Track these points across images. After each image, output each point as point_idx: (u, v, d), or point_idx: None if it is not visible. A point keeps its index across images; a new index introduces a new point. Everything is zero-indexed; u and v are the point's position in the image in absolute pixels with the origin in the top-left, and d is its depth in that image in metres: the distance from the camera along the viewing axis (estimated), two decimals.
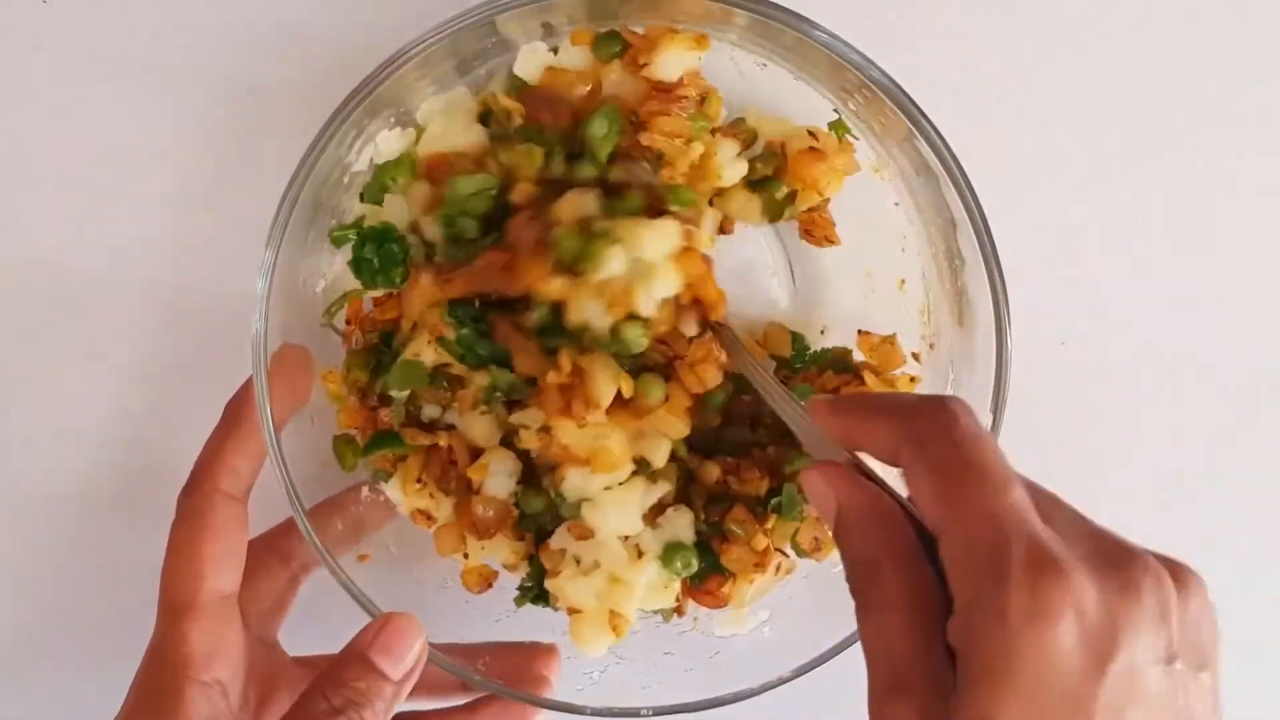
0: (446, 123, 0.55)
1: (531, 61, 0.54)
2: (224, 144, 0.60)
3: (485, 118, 0.55)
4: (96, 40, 0.59)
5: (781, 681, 0.53)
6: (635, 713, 0.52)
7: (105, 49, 0.59)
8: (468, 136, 0.54)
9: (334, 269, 0.57)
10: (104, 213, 0.60)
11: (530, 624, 0.57)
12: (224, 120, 0.59)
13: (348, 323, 0.57)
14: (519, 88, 0.54)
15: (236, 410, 0.52)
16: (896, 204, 0.57)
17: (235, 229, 0.58)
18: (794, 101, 0.56)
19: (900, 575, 0.37)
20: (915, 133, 0.50)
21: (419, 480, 0.55)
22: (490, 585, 0.57)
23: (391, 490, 0.56)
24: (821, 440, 0.43)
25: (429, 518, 0.56)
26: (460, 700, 0.56)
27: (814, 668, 0.53)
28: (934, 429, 0.37)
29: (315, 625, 0.55)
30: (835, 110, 0.55)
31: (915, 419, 0.38)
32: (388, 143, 0.54)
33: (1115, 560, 0.35)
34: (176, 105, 0.59)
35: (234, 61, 0.59)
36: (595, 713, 0.53)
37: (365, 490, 0.57)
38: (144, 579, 0.51)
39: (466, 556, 0.56)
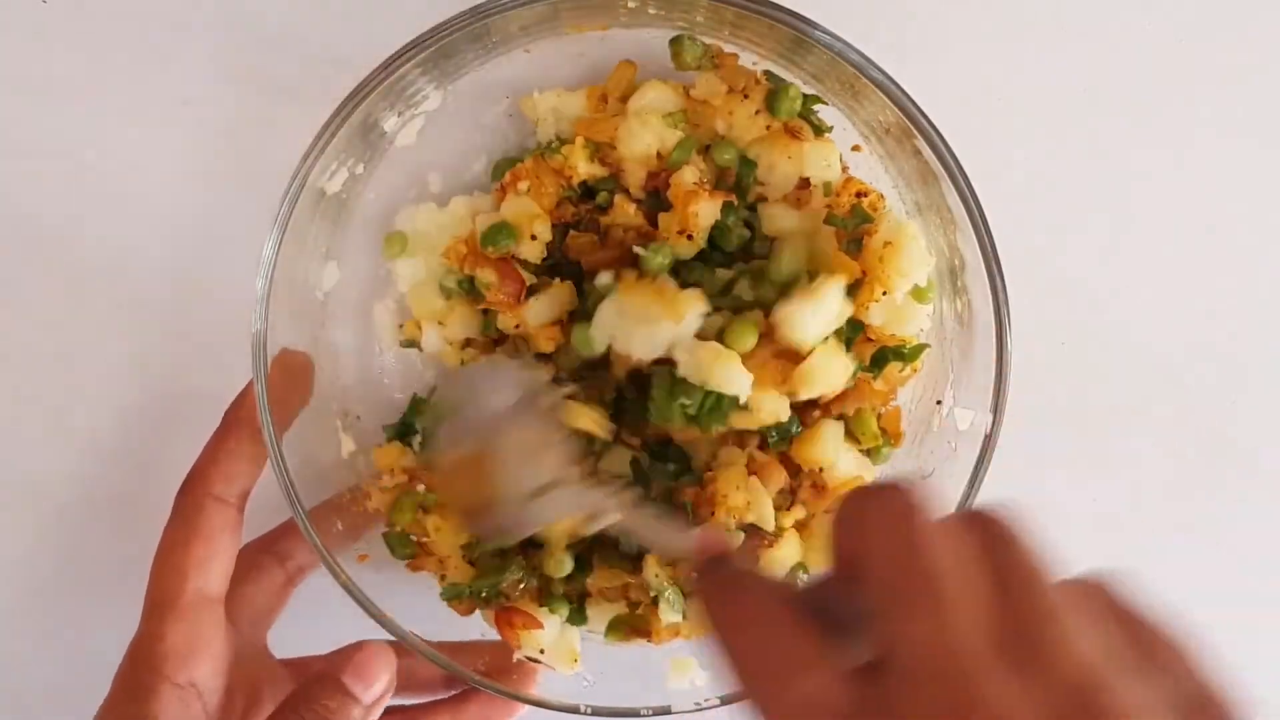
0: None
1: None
2: (225, 142, 0.60)
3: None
4: (96, 37, 0.59)
5: None
6: (635, 713, 0.52)
7: (104, 46, 0.59)
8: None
9: (332, 272, 0.57)
10: (104, 211, 0.60)
11: None
12: (224, 118, 0.59)
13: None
14: None
15: (235, 415, 0.52)
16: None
17: (235, 228, 0.58)
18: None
19: None
20: (915, 132, 0.50)
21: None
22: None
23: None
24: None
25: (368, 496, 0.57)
26: (443, 695, 0.57)
27: None
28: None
29: (315, 625, 0.54)
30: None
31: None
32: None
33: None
34: (176, 104, 0.59)
35: (236, 60, 0.59)
36: (595, 712, 0.52)
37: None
38: (139, 578, 0.51)
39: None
